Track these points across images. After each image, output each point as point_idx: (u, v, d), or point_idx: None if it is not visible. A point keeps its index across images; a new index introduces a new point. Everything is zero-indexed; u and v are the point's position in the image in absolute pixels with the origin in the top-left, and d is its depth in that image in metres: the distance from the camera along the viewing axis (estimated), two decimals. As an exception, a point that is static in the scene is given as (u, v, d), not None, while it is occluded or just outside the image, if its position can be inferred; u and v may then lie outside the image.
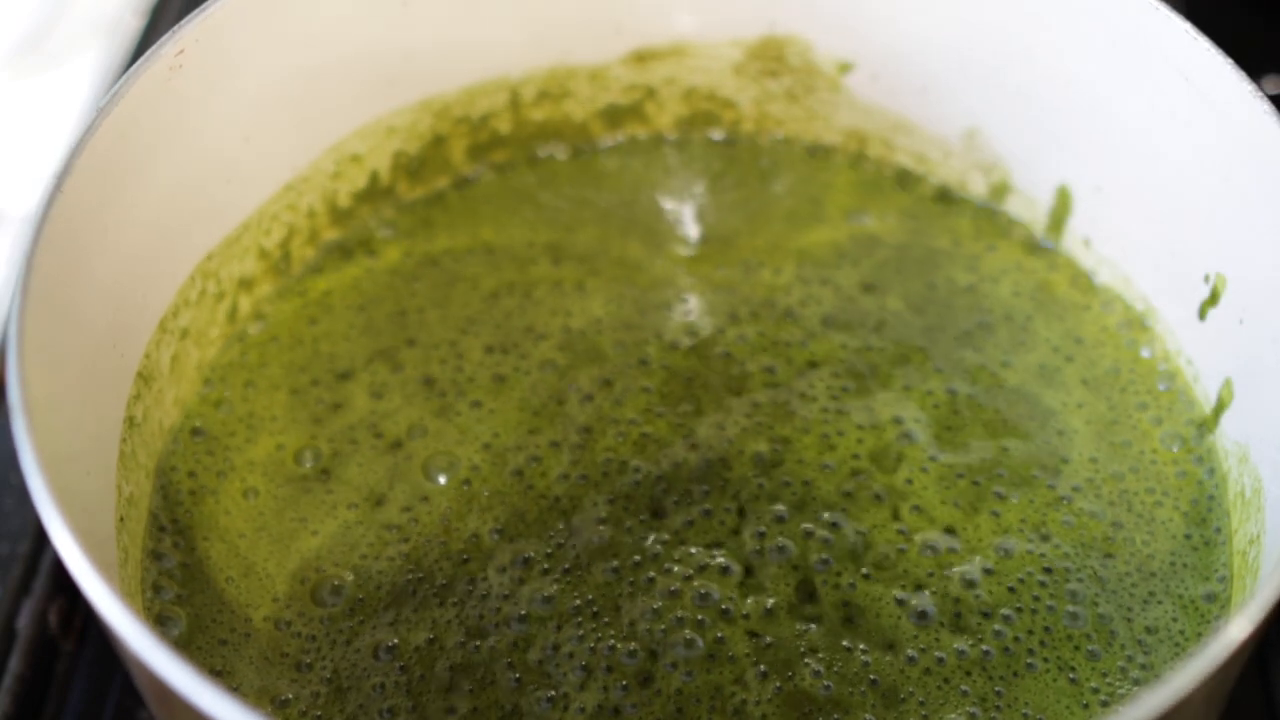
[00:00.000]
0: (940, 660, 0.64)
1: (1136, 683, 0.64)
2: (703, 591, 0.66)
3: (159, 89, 0.67)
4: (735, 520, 0.68)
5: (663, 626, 0.65)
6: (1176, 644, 0.65)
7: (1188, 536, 0.68)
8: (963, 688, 0.64)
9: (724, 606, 0.66)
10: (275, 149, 0.75)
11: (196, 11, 0.68)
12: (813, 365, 0.74)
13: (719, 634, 0.65)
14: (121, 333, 0.67)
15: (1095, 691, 0.64)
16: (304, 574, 0.67)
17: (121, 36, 1.06)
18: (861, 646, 0.65)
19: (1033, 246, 0.79)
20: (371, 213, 0.80)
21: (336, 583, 0.67)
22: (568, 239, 0.80)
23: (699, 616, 0.65)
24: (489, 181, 0.82)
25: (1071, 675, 0.64)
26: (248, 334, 0.76)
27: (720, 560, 0.67)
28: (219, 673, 0.64)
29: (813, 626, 0.65)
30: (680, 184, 0.83)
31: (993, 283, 0.77)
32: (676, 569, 0.67)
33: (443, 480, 0.70)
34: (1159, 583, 0.67)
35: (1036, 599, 0.66)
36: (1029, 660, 0.64)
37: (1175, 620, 0.66)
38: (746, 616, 0.65)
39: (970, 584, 0.66)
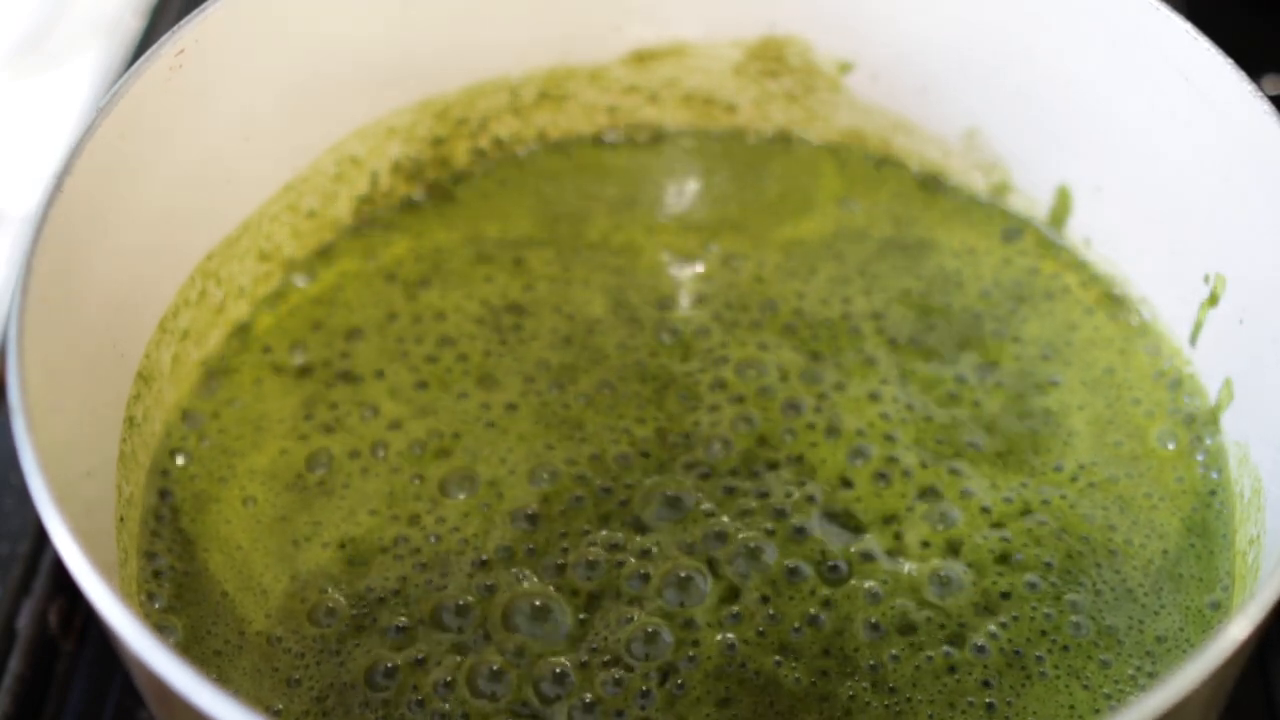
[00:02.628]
0: (942, 667, 0.64)
1: (1144, 690, 0.64)
2: (695, 606, 0.66)
3: (159, 89, 0.67)
4: (727, 527, 0.68)
5: (658, 650, 0.65)
6: (1184, 652, 0.65)
7: (1191, 545, 0.68)
8: (969, 699, 0.64)
9: (711, 616, 0.66)
10: (275, 149, 0.75)
11: (196, 11, 0.68)
12: (807, 364, 0.74)
13: (725, 643, 0.65)
14: (121, 333, 0.67)
15: (1108, 697, 0.64)
16: (302, 593, 0.67)
17: (121, 36, 1.06)
18: (860, 652, 0.65)
19: (1032, 246, 0.79)
20: (372, 213, 0.80)
21: (331, 605, 0.66)
22: (569, 236, 0.80)
23: (688, 629, 0.65)
24: (489, 180, 0.82)
25: (1085, 683, 0.64)
26: (249, 335, 0.75)
27: (718, 570, 0.67)
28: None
29: (808, 632, 0.65)
30: (680, 182, 0.83)
31: (990, 282, 0.77)
32: (674, 581, 0.67)
33: (460, 496, 0.70)
34: (1168, 595, 0.67)
35: (1035, 607, 0.66)
36: (1040, 669, 0.64)
37: (1182, 630, 0.66)
38: (738, 623, 0.66)
39: (968, 590, 0.66)
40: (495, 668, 0.64)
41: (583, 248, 0.79)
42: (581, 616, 0.66)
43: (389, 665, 0.65)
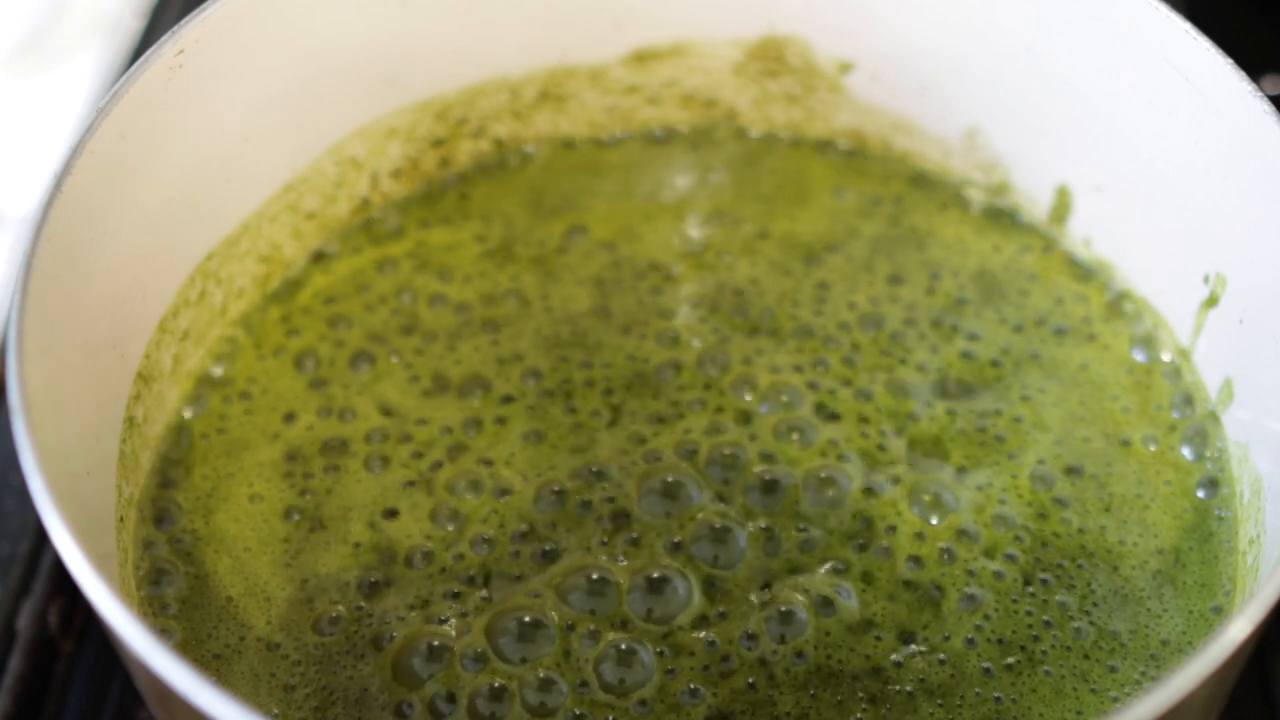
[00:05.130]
0: (945, 665, 0.64)
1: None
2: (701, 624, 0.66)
3: (159, 89, 0.67)
4: (721, 530, 0.68)
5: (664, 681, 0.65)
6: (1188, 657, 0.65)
7: (1191, 548, 0.68)
8: (976, 689, 0.64)
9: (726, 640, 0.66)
10: (275, 150, 0.75)
11: (196, 11, 0.68)
12: (797, 363, 0.74)
13: (731, 665, 0.65)
14: (121, 333, 0.67)
15: (1115, 700, 0.63)
16: (305, 600, 0.66)
17: (121, 36, 1.06)
18: (854, 654, 0.65)
19: (1032, 246, 0.79)
20: (372, 213, 0.80)
21: (334, 615, 0.66)
22: (569, 236, 0.80)
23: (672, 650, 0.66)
24: (489, 180, 0.82)
25: (1092, 687, 0.64)
26: (249, 335, 0.75)
27: (712, 574, 0.67)
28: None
29: (805, 640, 0.65)
30: (680, 182, 0.83)
31: (991, 283, 0.77)
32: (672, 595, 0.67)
33: (459, 506, 0.69)
34: (1170, 600, 0.66)
35: (1016, 600, 0.66)
36: (1045, 669, 0.64)
37: (1184, 634, 0.65)
38: (753, 638, 0.66)
39: (964, 594, 0.66)
40: (497, 685, 0.64)
41: (582, 247, 0.79)
42: (569, 625, 0.65)
43: (389, 677, 0.64)
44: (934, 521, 0.68)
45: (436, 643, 0.65)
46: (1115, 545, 0.68)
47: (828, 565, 0.67)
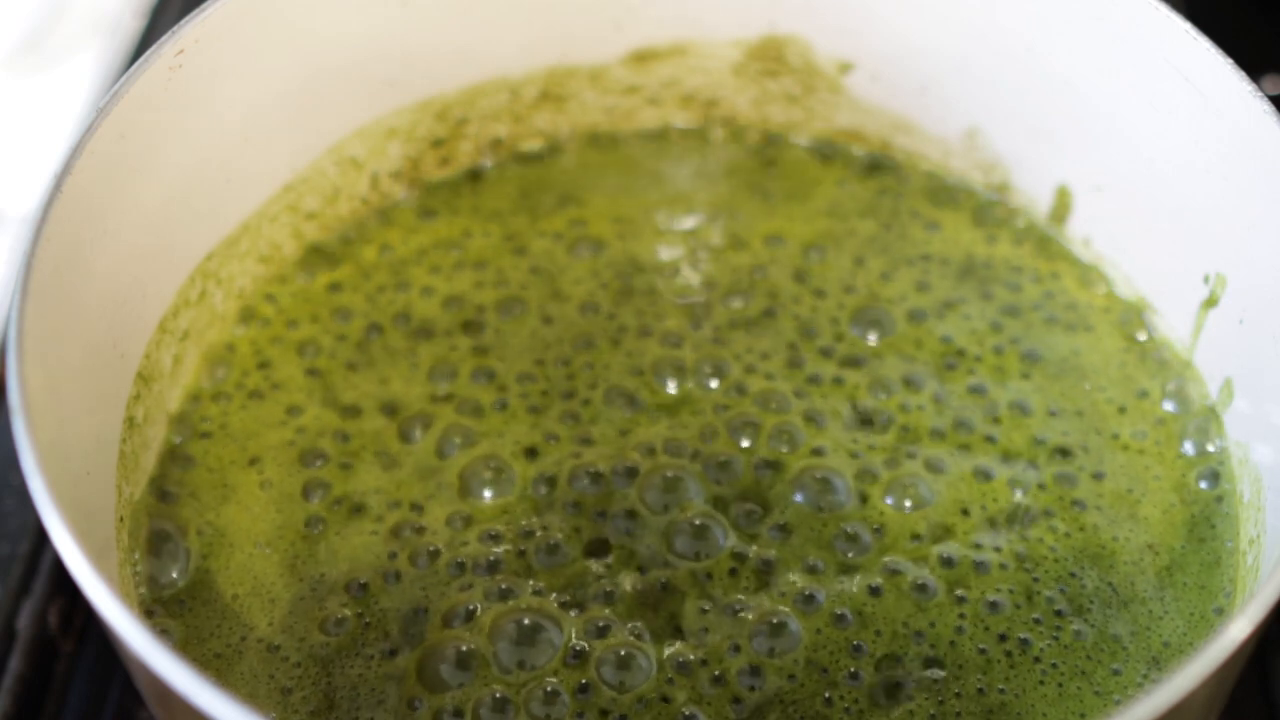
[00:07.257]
0: (936, 669, 0.64)
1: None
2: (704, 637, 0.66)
3: (159, 89, 0.67)
4: (716, 529, 0.69)
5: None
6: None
7: (1190, 548, 0.68)
8: (979, 685, 0.64)
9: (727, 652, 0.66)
10: (275, 150, 0.75)
11: (196, 11, 0.68)
12: (794, 363, 0.74)
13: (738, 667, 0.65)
14: (121, 333, 0.67)
15: (1119, 703, 0.63)
16: (306, 603, 0.66)
17: (121, 36, 1.06)
18: (844, 660, 0.65)
19: (1032, 246, 0.79)
20: (371, 213, 0.80)
21: (339, 618, 0.66)
22: (569, 235, 0.80)
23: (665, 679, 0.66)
24: (489, 180, 0.82)
25: (1096, 689, 0.64)
26: (250, 336, 0.75)
27: (708, 577, 0.67)
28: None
29: (805, 643, 0.65)
30: (680, 181, 0.83)
31: (990, 283, 0.77)
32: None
33: (461, 511, 0.69)
34: (1171, 601, 0.66)
35: (1022, 605, 0.66)
36: (1041, 669, 0.64)
37: (1185, 636, 0.65)
38: (736, 649, 0.66)
39: (958, 590, 0.66)
40: (499, 694, 0.64)
41: (581, 246, 0.79)
42: (575, 636, 0.65)
43: (390, 681, 0.64)
44: (926, 516, 0.68)
45: (448, 647, 0.65)
46: (1109, 541, 0.68)
47: (821, 562, 0.67)
